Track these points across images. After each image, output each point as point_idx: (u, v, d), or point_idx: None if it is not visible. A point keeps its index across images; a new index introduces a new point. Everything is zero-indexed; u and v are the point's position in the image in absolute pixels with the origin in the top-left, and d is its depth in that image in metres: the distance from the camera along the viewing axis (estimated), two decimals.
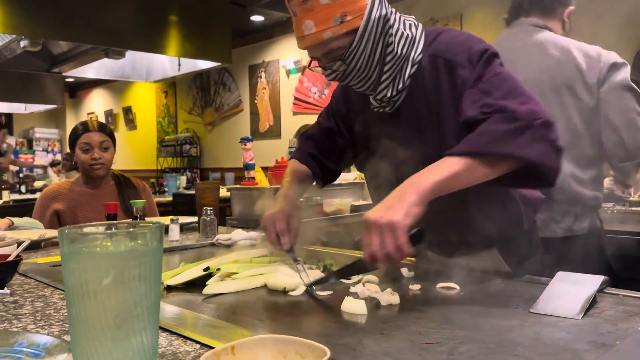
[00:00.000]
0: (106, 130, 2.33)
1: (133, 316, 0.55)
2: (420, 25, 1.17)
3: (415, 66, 1.13)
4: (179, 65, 4.69)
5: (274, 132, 6.53)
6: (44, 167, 7.24)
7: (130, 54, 4.18)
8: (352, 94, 1.28)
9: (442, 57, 1.10)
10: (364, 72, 1.12)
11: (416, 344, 0.77)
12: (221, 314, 0.94)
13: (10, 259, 1.16)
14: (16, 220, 1.93)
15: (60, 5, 3.46)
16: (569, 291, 0.94)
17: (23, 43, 3.45)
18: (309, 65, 1.15)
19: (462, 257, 1.24)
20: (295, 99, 6.20)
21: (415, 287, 1.09)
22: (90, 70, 4.86)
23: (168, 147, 7.87)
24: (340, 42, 1.07)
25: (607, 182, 2.24)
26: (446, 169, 0.97)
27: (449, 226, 1.20)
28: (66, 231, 0.54)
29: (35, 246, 1.69)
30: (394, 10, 1.14)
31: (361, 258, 0.99)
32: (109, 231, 0.56)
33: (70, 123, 10.80)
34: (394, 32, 1.10)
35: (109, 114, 9.75)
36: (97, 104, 10.14)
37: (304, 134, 1.46)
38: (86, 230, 0.57)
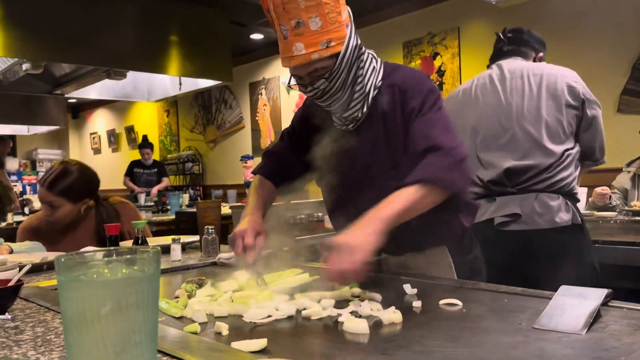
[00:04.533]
0: (55, 189, 2.03)
1: (132, 344, 0.54)
2: (380, 59, 1.39)
3: (376, 91, 1.34)
4: (180, 84, 4.71)
5: None
6: None
7: (131, 74, 4.20)
8: (310, 116, 1.48)
9: (398, 87, 1.33)
10: (339, 92, 1.30)
11: None
12: (222, 338, 0.94)
13: (11, 283, 1.16)
14: (15, 247, 1.91)
15: (61, 28, 3.49)
16: (573, 306, 0.93)
17: (25, 66, 3.46)
18: (289, 83, 1.35)
19: (413, 254, 1.43)
20: None
21: (417, 304, 1.08)
22: (93, 91, 4.88)
23: (170, 166, 7.90)
24: (324, 63, 1.26)
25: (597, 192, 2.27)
26: (403, 200, 1.17)
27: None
28: (62, 259, 0.54)
29: (37, 269, 1.69)
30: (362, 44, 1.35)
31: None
32: (105, 258, 0.56)
33: (73, 143, 10.86)
34: (364, 59, 1.33)
35: (111, 133, 9.81)
36: (99, 124, 10.21)
37: (268, 151, 1.59)
38: (83, 257, 0.57)
